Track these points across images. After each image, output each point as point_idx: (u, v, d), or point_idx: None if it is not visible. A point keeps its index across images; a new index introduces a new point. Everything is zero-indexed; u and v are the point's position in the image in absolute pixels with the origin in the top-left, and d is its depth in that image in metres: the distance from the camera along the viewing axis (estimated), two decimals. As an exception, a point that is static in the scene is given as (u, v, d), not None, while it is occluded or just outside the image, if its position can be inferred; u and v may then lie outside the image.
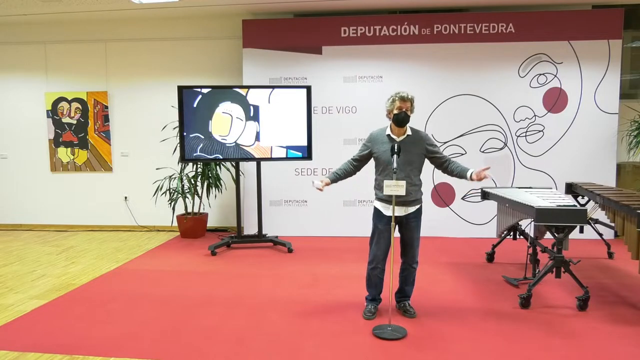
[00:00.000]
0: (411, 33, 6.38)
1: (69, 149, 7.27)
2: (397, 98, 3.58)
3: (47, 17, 6.74)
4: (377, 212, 3.77)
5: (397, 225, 3.68)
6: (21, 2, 5.96)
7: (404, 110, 3.56)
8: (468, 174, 3.61)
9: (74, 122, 7.21)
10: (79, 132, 7.22)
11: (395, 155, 3.52)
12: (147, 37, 6.98)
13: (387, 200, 3.61)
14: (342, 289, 4.47)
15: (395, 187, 3.38)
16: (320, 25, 6.46)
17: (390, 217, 3.59)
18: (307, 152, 5.82)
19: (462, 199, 6.52)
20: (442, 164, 3.74)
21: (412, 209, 3.68)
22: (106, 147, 7.20)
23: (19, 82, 7.29)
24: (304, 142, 5.80)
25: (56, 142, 7.28)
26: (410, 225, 3.69)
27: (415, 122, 3.85)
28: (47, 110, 7.23)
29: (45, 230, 7.33)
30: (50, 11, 6.43)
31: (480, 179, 3.56)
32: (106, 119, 7.15)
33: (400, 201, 3.58)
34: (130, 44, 7.04)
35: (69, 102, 7.19)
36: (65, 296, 4.39)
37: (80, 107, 7.18)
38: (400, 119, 3.58)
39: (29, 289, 4.61)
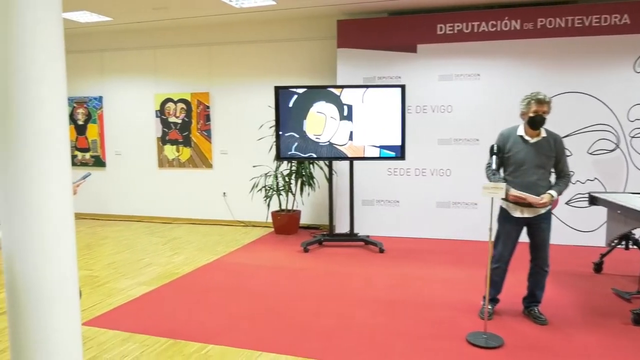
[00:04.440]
0: (512, 28, 6.08)
1: (175, 147, 7.77)
2: (533, 100, 3.43)
3: (157, 24, 7.25)
4: (504, 212, 3.66)
5: (526, 227, 3.61)
6: (134, 10, 6.46)
7: (539, 113, 3.41)
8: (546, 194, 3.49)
9: (179, 121, 7.70)
10: (184, 130, 7.69)
11: (494, 157, 3.41)
12: (246, 39, 7.27)
13: (517, 201, 3.51)
14: (434, 291, 4.38)
15: (494, 189, 3.24)
16: (416, 23, 6.36)
17: (519, 218, 3.54)
18: (400, 152, 5.76)
19: (567, 203, 6.11)
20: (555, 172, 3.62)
21: (542, 211, 3.55)
22: (207, 145, 7.61)
23: (131, 84, 7.92)
24: (397, 142, 5.75)
25: (163, 140, 7.81)
26: (541, 227, 3.57)
27: (517, 122, 3.68)
28: (156, 111, 7.78)
29: (153, 222, 7.89)
30: (160, 18, 6.91)
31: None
32: (208, 118, 7.55)
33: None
34: (231, 47, 7.38)
35: (175, 102, 7.69)
36: (170, 284, 4.71)
37: (185, 107, 7.65)
38: (535, 122, 3.45)
39: (138, 276, 4.99)
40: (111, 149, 8.12)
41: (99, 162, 8.17)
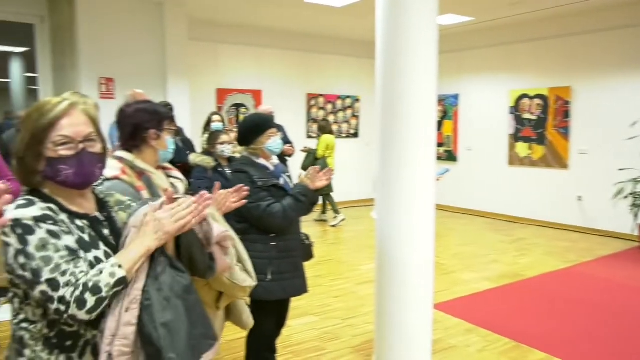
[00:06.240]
0: None
1: (527, 144, 7.48)
2: None
3: (511, 19, 7.05)
4: None
5: None
6: (493, 8, 6.46)
7: None
8: None
9: (534, 118, 7.37)
10: (538, 127, 7.33)
11: None
12: (614, 25, 6.34)
13: None
14: None
15: None
16: None
17: None
18: None
19: None
20: None
21: None
22: (564, 143, 7.05)
23: (486, 81, 8.01)
24: None
25: (515, 137, 7.63)
26: None
27: None
28: (510, 107, 7.66)
29: (496, 219, 7.83)
30: (515, 13, 6.70)
31: None
32: (566, 114, 6.98)
33: None
34: (591, 37, 6.58)
35: (531, 98, 7.39)
36: (514, 285, 4.60)
37: (541, 103, 7.28)
38: None
39: (482, 270, 5.06)
40: (463, 145, 8.44)
41: (451, 157, 8.60)
